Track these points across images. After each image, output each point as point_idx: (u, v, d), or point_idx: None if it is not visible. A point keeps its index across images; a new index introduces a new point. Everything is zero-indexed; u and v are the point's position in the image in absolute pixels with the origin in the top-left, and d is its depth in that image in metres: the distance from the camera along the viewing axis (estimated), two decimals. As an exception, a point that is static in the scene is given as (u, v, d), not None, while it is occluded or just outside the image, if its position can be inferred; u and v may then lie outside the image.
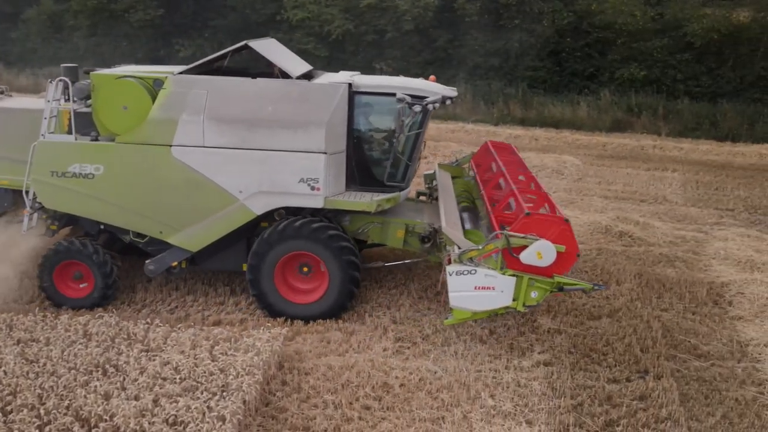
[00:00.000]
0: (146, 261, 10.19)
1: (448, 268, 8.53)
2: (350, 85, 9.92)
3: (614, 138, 24.21)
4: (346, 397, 8.10)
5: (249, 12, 30.05)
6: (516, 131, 24.48)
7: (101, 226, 10.30)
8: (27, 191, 9.95)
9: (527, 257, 8.38)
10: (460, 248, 8.84)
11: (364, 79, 10.39)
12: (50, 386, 7.46)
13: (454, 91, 10.52)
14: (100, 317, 9.10)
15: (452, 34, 28.91)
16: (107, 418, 7.01)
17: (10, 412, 7.11)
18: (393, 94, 9.89)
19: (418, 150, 10.60)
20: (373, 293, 10.94)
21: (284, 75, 10.01)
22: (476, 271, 8.42)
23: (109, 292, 10.28)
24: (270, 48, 10.70)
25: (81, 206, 10.00)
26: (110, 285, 10.22)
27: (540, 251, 8.35)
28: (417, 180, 11.31)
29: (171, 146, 9.65)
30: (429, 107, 9.95)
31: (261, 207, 9.81)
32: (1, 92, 11.35)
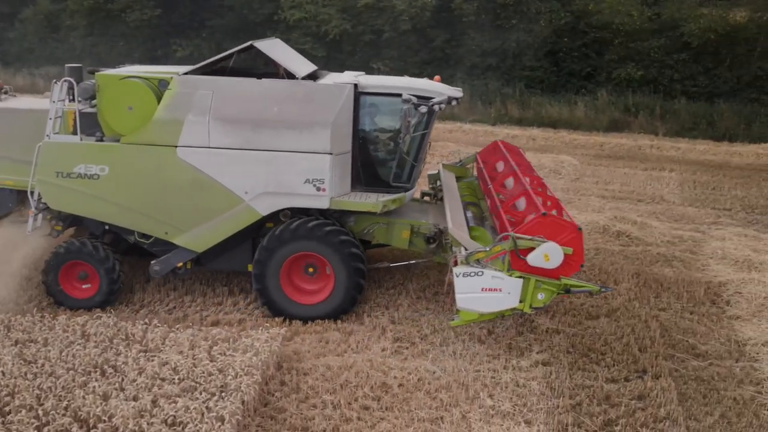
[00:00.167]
0: (151, 262, 10.17)
1: (455, 270, 8.51)
2: (356, 86, 9.91)
3: (611, 138, 24.22)
4: (345, 398, 8.10)
5: (246, 12, 29.99)
6: (513, 131, 24.47)
7: (106, 227, 10.29)
8: (32, 192, 9.93)
9: (534, 259, 8.39)
10: (467, 249, 8.84)
11: (370, 80, 10.38)
12: (48, 387, 7.45)
13: (460, 92, 10.50)
14: (98, 318, 9.11)
15: (449, 34, 28.89)
16: (106, 419, 7.01)
17: (9, 413, 7.11)
18: (399, 95, 9.88)
19: (424, 151, 10.59)
20: (372, 293, 10.93)
21: (289, 75, 10.00)
22: (483, 273, 8.42)
23: (114, 293, 10.28)
24: (275, 48, 10.69)
25: (86, 207, 9.98)
26: (115, 286, 10.21)
27: (547, 253, 8.37)
28: (420, 180, 11.28)
29: (176, 147, 9.64)
30: (435, 108, 9.94)
31: (266, 208, 9.80)
32: (5, 92, 11.31)
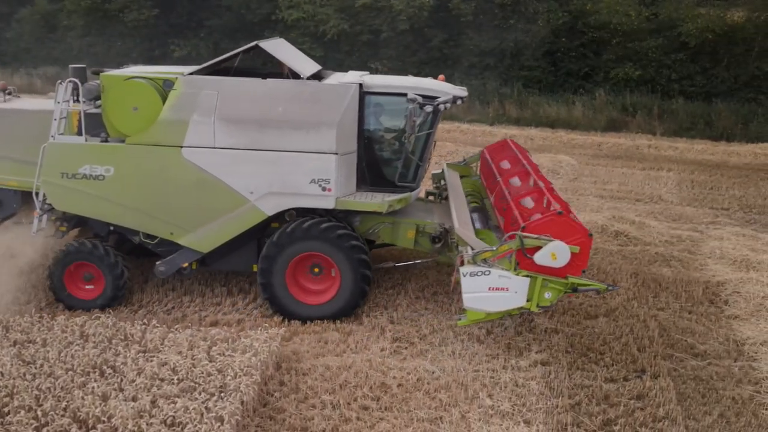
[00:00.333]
0: (157, 262, 10.17)
1: (462, 269, 8.49)
2: (361, 86, 9.88)
3: (609, 138, 24.22)
4: (344, 398, 8.11)
5: (244, 12, 29.94)
6: (511, 131, 24.45)
7: (111, 228, 10.27)
8: (37, 193, 9.90)
9: (541, 258, 8.39)
10: (474, 249, 8.83)
11: (375, 79, 10.36)
12: (47, 387, 7.44)
13: (465, 91, 10.47)
14: (97, 318, 9.10)
15: (447, 34, 28.88)
16: (105, 420, 7.01)
17: (8, 414, 7.10)
18: (404, 95, 9.86)
19: (429, 150, 10.58)
20: (371, 293, 10.87)
21: (294, 75, 9.98)
22: (490, 272, 8.40)
23: (120, 294, 10.27)
24: (280, 48, 10.67)
25: (91, 208, 9.96)
26: (121, 287, 10.21)
27: (554, 252, 8.36)
28: (424, 179, 11.26)
29: (182, 147, 9.62)
30: (440, 107, 9.92)
31: (272, 208, 9.79)
32: (9, 93, 11.26)
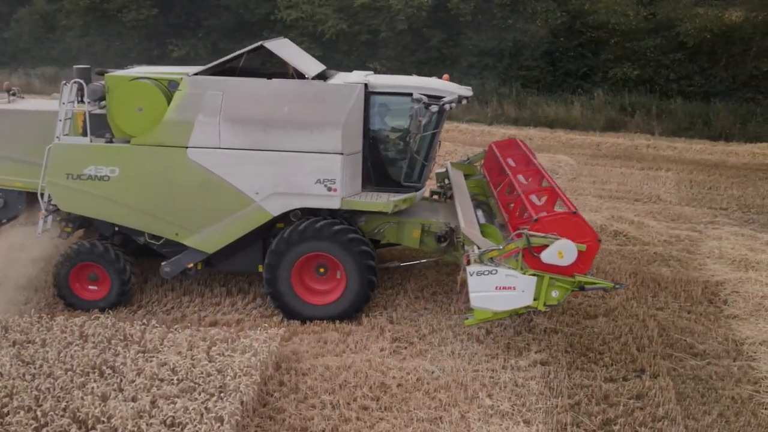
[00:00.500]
0: (162, 263, 10.17)
1: (469, 269, 8.48)
2: (366, 86, 9.87)
3: (608, 137, 24.24)
4: (344, 398, 8.10)
5: (243, 12, 29.91)
6: (510, 131, 24.44)
7: (116, 228, 10.26)
8: (42, 193, 9.89)
9: (548, 256, 8.39)
10: (480, 248, 8.82)
11: (380, 79, 10.35)
12: (47, 388, 7.43)
13: (470, 91, 10.46)
14: (96, 318, 9.09)
15: (446, 34, 28.87)
16: (105, 420, 7.00)
17: (7, 414, 7.09)
18: (409, 94, 9.86)
19: (434, 150, 10.57)
20: (370, 293, 10.92)
21: (299, 75, 9.97)
22: (497, 271, 8.39)
23: (125, 295, 10.27)
24: (284, 48, 10.67)
25: (96, 208, 9.95)
26: (126, 287, 10.21)
27: (561, 250, 8.36)
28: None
29: (187, 148, 9.61)
30: (446, 107, 9.90)
31: (277, 208, 9.77)
32: (13, 94, 11.21)
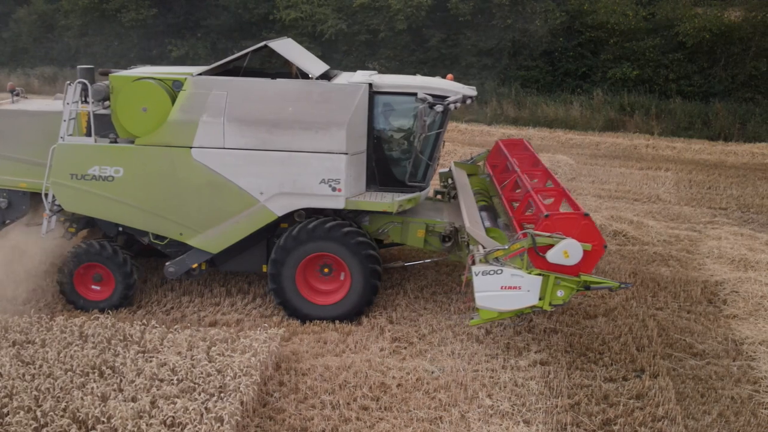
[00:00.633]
0: (166, 263, 10.17)
1: (474, 268, 8.48)
2: (371, 85, 9.86)
3: (607, 137, 24.25)
4: (344, 398, 8.10)
5: (242, 12, 29.89)
6: (509, 131, 24.47)
7: (119, 228, 10.26)
8: (46, 194, 9.89)
9: (554, 256, 8.39)
10: (485, 248, 8.82)
11: (384, 79, 10.34)
12: (47, 388, 7.44)
13: (474, 90, 10.46)
14: (96, 318, 9.10)
15: (445, 34, 28.86)
16: (104, 420, 7.00)
17: (7, 415, 7.09)
18: (413, 94, 9.86)
19: (438, 150, 10.57)
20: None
21: (303, 75, 9.97)
22: (502, 271, 8.39)
23: (129, 295, 10.28)
24: (288, 48, 10.67)
25: (101, 209, 9.95)
26: (131, 288, 10.22)
27: (567, 250, 8.36)
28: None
29: (191, 148, 9.61)
30: (450, 107, 9.89)
31: (282, 208, 9.77)
32: (17, 94, 11.20)
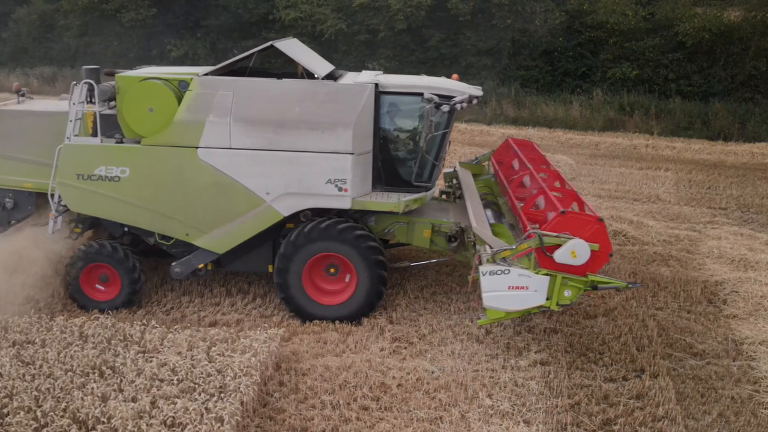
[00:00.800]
0: (172, 263, 10.17)
1: (482, 268, 8.48)
2: (377, 85, 9.85)
3: (607, 137, 24.26)
4: (344, 398, 8.10)
5: (241, 12, 29.89)
6: (509, 131, 24.44)
7: (125, 229, 10.24)
8: (52, 194, 9.87)
9: (561, 256, 8.39)
10: (492, 248, 8.82)
11: (391, 79, 10.33)
12: (47, 388, 7.43)
13: (480, 90, 10.45)
14: (96, 319, 9.09)
15: (445, 34, 28.87)
16: (105, 420, 7.00)
17: (7, 415, 7.08)
18: (419, 94, 9.86)
19: (444, 150, 10.56)
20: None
21: (309, 75, 9.96)
22: (510, 271, 8.39)
23: (135, 295, 10.28)
24: (294, 48, 10.67)
25: (107, 209, 9.94)
26: (137, 288, 10.22)
27: (574, 250, 8.37)
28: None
29: (197, 148, 9.60)
30: (456, 107, 9.87)
31: (288, 208, 9.77)
32: (23, 95, 11.19)
